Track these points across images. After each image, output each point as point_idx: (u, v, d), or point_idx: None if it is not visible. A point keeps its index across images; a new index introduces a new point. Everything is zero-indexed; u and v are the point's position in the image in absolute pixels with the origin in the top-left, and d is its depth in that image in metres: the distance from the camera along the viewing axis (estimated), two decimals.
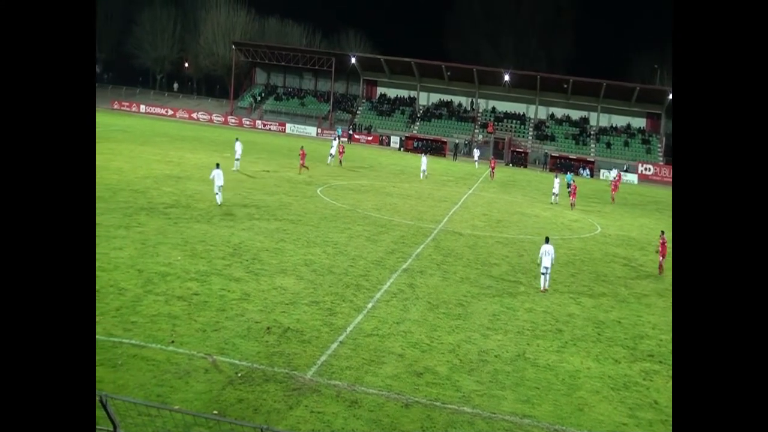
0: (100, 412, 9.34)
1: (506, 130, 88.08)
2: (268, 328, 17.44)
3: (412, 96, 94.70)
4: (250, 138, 67.85)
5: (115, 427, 9.93)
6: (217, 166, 32.88)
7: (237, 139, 47.32)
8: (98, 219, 27.13)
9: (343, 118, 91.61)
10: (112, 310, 17.64)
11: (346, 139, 79.19)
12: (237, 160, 44.93)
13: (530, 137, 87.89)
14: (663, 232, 29.61)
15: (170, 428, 12.15)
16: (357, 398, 14.14)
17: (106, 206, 29.61)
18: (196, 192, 35.39)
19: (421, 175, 53.73)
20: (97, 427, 10.50)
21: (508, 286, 24.19)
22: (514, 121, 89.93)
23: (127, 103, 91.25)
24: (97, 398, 9.23)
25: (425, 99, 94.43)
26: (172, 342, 15.87)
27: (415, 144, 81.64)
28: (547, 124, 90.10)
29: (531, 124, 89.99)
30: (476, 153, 75.19)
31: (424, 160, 54.71)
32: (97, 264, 21.20)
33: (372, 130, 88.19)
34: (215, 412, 12.90)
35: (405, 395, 14.52)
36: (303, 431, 12.47)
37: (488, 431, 13.37)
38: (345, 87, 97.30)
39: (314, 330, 17.70)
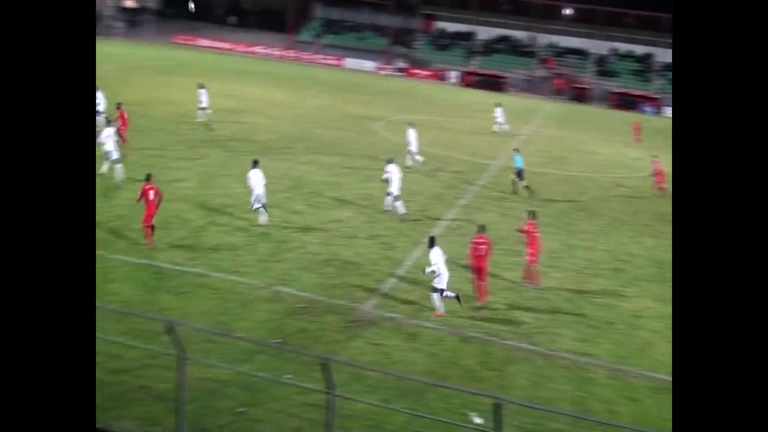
0: (167, 338, 9.65)
1: (567, 66, 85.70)
2: (326, 261, 17.64)
3: (470, 30, 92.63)
4: (309, 73, 67.67)
5: (182, 353, 10.24)
6: (255, 164, 21.19)
7: (201, 86, 36.06)
8: (163, 151, 27.64)
9: (400, 52, 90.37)
10: (176, 240, 18.07)
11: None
12: (201, 109, 35.45)
13: (592, 73, 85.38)
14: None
15: (234, 355, 12.51)
16: (416, 332, 14.29)
17: (170, 138, 30.09)
18: (255, 125, 35.61)
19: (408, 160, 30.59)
20: (165, 352, 10.86)
21: (568, 224, 23.87)
22: (575, 57, 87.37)
23: (187, 37, 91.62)
24: (165, 324, 9.50)
25: (484, 34, 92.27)
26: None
27: (475, 79, 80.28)
28: (610, 59, 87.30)
29: (592, 60, 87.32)
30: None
31: (412, 135, 30.60)
32: (166, 195, 21.66)
33: (429, 65, 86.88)
34: (277, 340, 13.20)
35: (463, 330, 14.59)
36: (363, 362, 12.68)
37: (547, 368, 13.39)
38: (403, 21, 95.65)
39: (373, 263, 17.84)
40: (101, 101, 29.98)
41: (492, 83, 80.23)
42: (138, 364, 11.97)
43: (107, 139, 23.18)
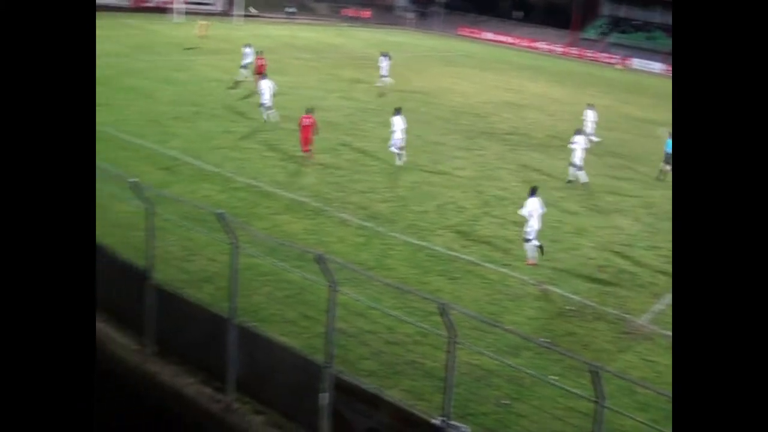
0: (439, 319, 9.94)
1: None
2: (600, 267, 17.04)
3: None
4: (592, 72, 65.85)
5: (453, 336, 10.50)
6: (398, 112, 23.99)
7: (384, 54, 38.34)
8: (442, 139, 28.53)
9: None
10: (451, 226, 18.57)
11: None
12: (382, 77, 37.99)
13: None
14: None
15: (500, 346, 12.58)
16: None
17: (450, 127, 30.99)
18: (534, 121, 35.39)
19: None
20: (436, 332, 11.23)
21: None
22: None
23: (472, 30, 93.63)
24: (438, 306, 9.78)
25: None
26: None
27: None
28: None
29: None
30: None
31: (590, 116, 31.19)
32: (440, 181, 22.41)
33: None
34: (545, 340, 13.03)
35: None
36: (634, 377, 12.08)
37: None
38: None
39: (650, 275, 16.89)
40: (250, 56, 35.27)
41: None
42: (410, 340, 12.53)
43: (265, 89, 27.08)
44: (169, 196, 15.79)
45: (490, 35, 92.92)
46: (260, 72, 31.88)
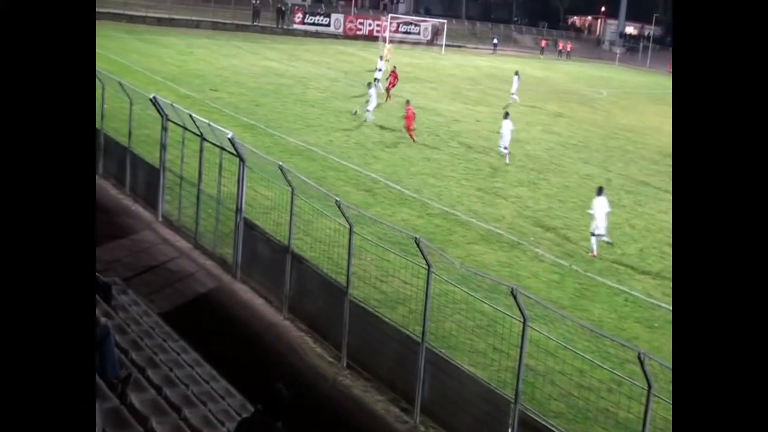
0: (635, 368, 9.43)
1: None
2: None
3: None
4: None
5: (649, 387, 9.96)
6: (506, 116, 28.18)
7: (516, 73, 42.00)
8: (648, 179, 27.29)
9: None
10: (654, 272, 17.67)
11: None
12: (512, 94, 40.95)
13: None
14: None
15: None
16: None
17: (657, 168, 29.59)
18: None
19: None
20: (632, 381, 10.68)
21: None
22: None
23: None
24: (637, 354, 9.31)
25: None
26: None
27: None
28: None
29: None
30: None
31: None
32: (643, 224, 21.42)
33: None
34: None
35: None
36: None
37: None
38: None
39: None
40: (382, 68, 39.25)
41: None
42: (603, 386, 12.00)
43: (373, 96, 31.26)
44: (369, 216, 16.33)
45: None
46: (393, 83, 36.43)
